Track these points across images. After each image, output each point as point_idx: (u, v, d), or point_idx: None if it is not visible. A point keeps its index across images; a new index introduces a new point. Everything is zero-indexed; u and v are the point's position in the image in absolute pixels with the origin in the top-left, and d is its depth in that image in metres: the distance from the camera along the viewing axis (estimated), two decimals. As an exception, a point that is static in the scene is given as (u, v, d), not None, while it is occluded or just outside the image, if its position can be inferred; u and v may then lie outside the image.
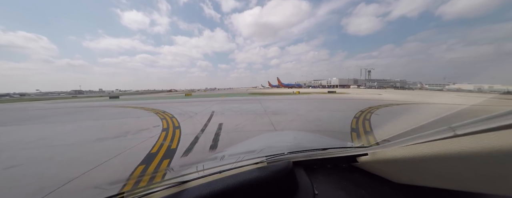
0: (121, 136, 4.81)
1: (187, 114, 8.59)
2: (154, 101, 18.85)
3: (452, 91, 54.82)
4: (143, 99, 24.21)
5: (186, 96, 27.12)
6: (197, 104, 13.92)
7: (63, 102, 22.87)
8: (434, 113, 7.53)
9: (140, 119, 7.51)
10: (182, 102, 16.33)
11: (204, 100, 18.19)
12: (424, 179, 0.66)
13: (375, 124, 5.86)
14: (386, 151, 0.75)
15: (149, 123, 6.52)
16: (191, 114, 8.57)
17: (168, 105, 13.09)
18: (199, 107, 11.51)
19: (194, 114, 8.38)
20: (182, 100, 19.33)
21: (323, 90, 42.37)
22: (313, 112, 8.68)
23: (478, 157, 0.45)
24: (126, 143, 4.16)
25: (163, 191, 0.64)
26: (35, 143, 4.37)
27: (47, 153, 3.68)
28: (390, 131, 1.14)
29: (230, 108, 10.58)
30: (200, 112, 8.96)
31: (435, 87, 73.42)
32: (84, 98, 34.32)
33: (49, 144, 4.31)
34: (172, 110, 10.00)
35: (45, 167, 3.04)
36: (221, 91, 58.21)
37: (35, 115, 9.88)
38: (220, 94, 33.14)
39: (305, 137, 1.91)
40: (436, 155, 0.54)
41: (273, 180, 0.74)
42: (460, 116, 0.69)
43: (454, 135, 0.51)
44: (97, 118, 8.06)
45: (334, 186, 0.87)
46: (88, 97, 36.79)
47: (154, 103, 15.24)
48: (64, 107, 14.55)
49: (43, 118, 8.49)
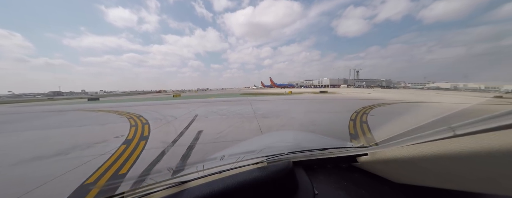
0: (62, 153, 3.64)
1: (165, 118, 7.45)
2: (136, 103, 17.35)
3: (432, 89, 57.96)
4: (125, 100, 22.46)
5: (174, 98, 25.74)
6: (182, 106, 12.73)
7: (34, 104, 20.59)
8: (427, 112, 8.19)
9: (105, 127, 6.29)
10: (166, 104, 15.01)
11: (191, 101, 16.94)
12: (424, 179, 0.66)
13: (373, 126, 5.36)
14: (386, 151, 0.74)
15: (112, 132, 5.34)
16: (170, 118, 7.44)
17: (149, 108, 11.82)
18: (182, 109, 10.35)
19: (173, 119, 7.25)
20: (168, 101, 17.96)
21: (315, 90, 42.59)
22: (306, 114, 7.92)
23: (478, 157, 0.45)
24: (60, 166, 3.02)
25: (163, 191, 0.64)
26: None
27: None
28: (390, 131, 1.04)
29: (217, 110, 9.53)
30: (181, 116, 7.84)
31: (417, 86, 77.00)
32: (61, 100, 31.55)
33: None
34: (150, 114, 8.79)
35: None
36: (213, 92, 56.76)
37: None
38: (211, 95, 31.85)
39: (305, 137, 1.88)
40: (436, 155, 0.54)
41: (273, 180, 0.74)
42: (460, 116, 0.66)
43: (454, 135, 0.51)
44: (54, 126, 6.72)
45: (334, 186, 0.87)
46: (66, 100, 34.00)
47: (134, 106, 13.81)
48: (28, 111, 12.76)
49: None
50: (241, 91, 47.75)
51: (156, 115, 8.58)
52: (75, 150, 3.84)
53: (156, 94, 57.31)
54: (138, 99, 25.01)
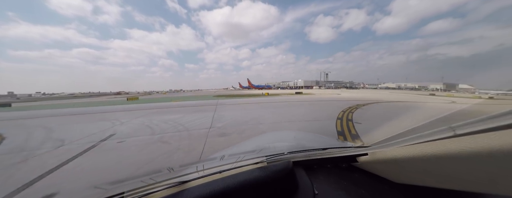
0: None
1: (32, 151, 4.23)
2: (52, 111, 12.60)
3: (383, 89, 77.33)
4: (48, 107, 16.94)
5: (129, 101, 21.23)
6: (116, 115, 9.26)
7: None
8: (407, 112, 8.42)
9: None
10: (94, 112, 10.97)
11: (140, 107, 13.14)
12: (424, 179, 0.66)
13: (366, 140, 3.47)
14: (386, 151, 0.75)
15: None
16: (49, 145, 4.25)
17: (57, 120, 8.14)
18: (104, 123, 6.94)
19: (53, 148, 4.10)
20: (110, 108, 13.85)
21: (291, 91, 42.77)
22: (280, 124, 5.83)
23: (478, 157, 0.46)
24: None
25: (163, 191, 0.64)
26: None
27: None
28: (390, 131, 0.92)
29: (159, 122, 6.57)
30: (79, 140, 4.66)
31: (372, 87, 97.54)
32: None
33: None
34: (38, 134, 5.36)
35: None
36: (187, 94, 51.45)
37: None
38: (179, 97, 27.57)
39: (305, 137, 1.86)
40: (436, 155, 0.54)
41: (273, 180, 0.74)
42: (460, 116, 0.65)
43: (454, 135, 0.51)
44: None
45: (334, 186, 0.87)
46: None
47: (36, 118, 9.59)
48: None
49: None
50: (216, 93, 43.86)
51: (41, 135, 5.19)
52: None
53: (113, 96, 49.26)
54: (66, 105, 18.93)
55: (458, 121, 0.51)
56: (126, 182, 0.67)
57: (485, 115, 0.45)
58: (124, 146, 4.03)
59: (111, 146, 4.07)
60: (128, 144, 4.15)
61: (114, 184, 0.67)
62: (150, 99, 27.15)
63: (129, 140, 4.46)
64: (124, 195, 0.59)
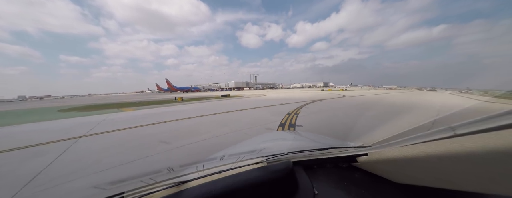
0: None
1: None
2: None
3: (293, 88, 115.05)
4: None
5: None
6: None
7: None
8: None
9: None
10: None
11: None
12: (424, 179, 0.66)
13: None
14: (386, 151, 0.75)
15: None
16: None
17: None
18: None
19: None
20: None
21: (217, 94, 38.15)
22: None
23: (478, 157, 0.46)
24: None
25: (163, 191, 0.64)
26: None
27: None
28: (389, 131, 0.92)
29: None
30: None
31: (287, 87, 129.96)
32: None
33: None
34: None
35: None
36: (57, 103, 29.40)
37: None
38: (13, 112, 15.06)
39: (305, 137, 1.87)
40: (436, 155, 0.54)
41: (273, 180, 0.74)
42: (460, 116, 0.66)
43: (454, 135, 0.51)
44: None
45: (334, 186, 0.87)
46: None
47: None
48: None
49: None
50: (103, 101, 26.94)
51: None
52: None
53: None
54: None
55: (458, 121, 0.52)
56: (126, 182, 0.68)
57: (485, 115, 0.46)
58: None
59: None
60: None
61: (114, 184, 0.68)
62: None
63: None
64: (124, 195, 0.60)
